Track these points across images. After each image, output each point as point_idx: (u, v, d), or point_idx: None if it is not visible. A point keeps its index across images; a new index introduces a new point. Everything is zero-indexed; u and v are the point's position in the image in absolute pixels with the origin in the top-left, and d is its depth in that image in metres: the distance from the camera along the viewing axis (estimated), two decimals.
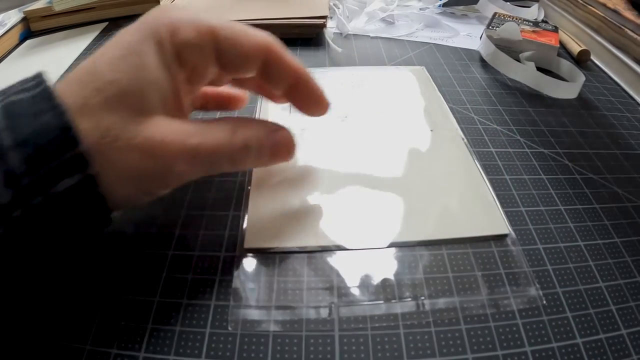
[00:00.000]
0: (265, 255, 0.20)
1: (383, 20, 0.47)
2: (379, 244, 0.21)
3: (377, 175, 0.25)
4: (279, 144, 0.20)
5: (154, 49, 0.16)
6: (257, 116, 0.30)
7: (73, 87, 0.15)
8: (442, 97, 0.33)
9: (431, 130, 0.29)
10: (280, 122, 0.21)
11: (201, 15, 0.18)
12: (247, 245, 0.21)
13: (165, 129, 0.16)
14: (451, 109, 0.31)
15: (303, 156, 0.26)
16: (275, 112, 0.29)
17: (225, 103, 0.25)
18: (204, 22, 0.17)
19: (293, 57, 0.19)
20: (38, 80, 0.15)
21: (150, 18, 0.17)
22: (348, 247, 0.21)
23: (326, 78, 0.35)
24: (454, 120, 0.30)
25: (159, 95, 0.16)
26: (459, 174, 0.25)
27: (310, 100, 0.21)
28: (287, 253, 0.20)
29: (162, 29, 0.17)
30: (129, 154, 0.15)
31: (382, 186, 0.24)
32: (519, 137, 0.29)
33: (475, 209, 0.23)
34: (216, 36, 0.17)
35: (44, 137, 0.14)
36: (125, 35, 0.17)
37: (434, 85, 0.34)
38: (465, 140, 0.28)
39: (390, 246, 0.21)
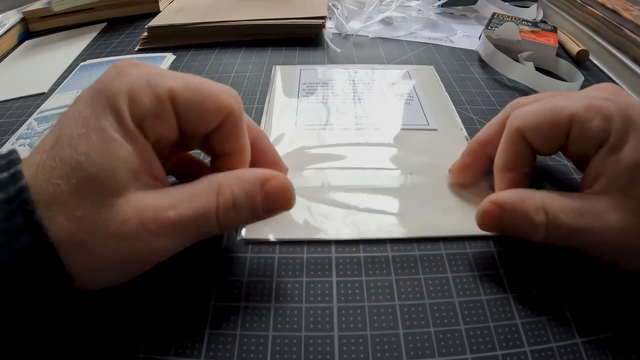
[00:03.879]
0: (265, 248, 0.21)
1: (382, 20, 0.47)
2: (377, 235, 0.21)
3: (379, 174, 0.25)
4: (273, 195, 0.17)
5: (114, 124, 0.15)
6: (262, 126, 0.29)
7: (40, 175, 0.14)
8: (448, 97, 0.33)
9: (436, 130, 0.29)
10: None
11: (158, 75, 0.17)
12: (247, 236, 0.21)
13: (140, 206, 0.15)
14: None
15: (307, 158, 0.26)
16: (280, 126, 0.29)
17: (195, 169, 0.22)
18: (162, 86, 0.16)
19: (250, 122, 0.20)
20: (11, 172, 0.14)
21: (105, 86, 0.16)
22: (345, 238, 0.21)
23: (333, 74, 0.36)
24: (459, 120, 0.30)
25: (128, 172, 0.15)
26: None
27: (263, 166, 0.20)
28: (286, 244, 0.21)
29: (119, 100, 0.15)
30: (105, 243, 0.14)
31: (384, 183, 0.24)
32: None
33: (475, 209, 0.23)
34: (176, 100, 0.17)
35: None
36: (81, 107, 0.16)
37: (441, 85, 0.34)
38: (469, 140, 0.28)
39: (387, 240, 0.21)
